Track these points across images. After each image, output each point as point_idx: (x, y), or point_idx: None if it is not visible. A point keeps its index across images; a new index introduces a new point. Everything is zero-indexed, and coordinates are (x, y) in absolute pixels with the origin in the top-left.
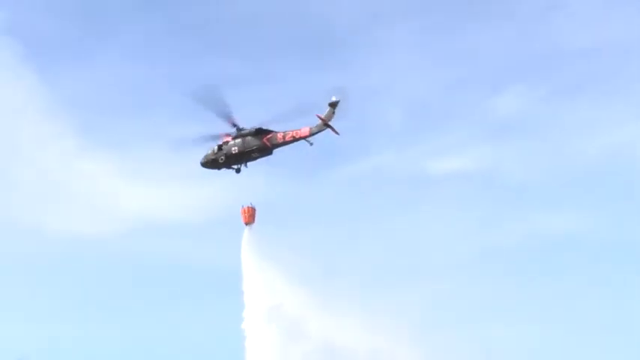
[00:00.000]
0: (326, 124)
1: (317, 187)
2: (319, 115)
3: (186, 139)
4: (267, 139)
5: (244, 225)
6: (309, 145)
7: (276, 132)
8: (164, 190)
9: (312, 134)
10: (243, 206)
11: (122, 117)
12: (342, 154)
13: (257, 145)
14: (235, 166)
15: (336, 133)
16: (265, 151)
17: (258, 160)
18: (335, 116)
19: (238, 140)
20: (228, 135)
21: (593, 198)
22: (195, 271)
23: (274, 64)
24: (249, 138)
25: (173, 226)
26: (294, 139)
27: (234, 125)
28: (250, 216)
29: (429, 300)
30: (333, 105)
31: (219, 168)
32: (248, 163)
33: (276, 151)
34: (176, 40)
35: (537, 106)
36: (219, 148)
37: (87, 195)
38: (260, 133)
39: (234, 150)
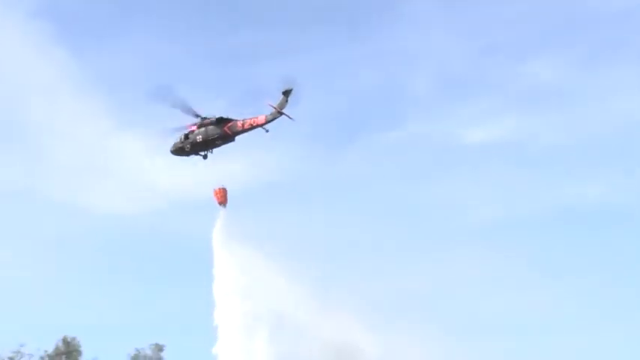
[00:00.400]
0: (279, 112)
1: (346, 158)
2: (272, 104)
3: (165, 130)
4: (228, 128)
5: (219, 206)
6: (265, 132)
7: (235, 120)
8: (200, 166)
9: (267, 122)
10: (215, 188)
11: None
12: (373, 125)
13: (219, 133)
14: (202, 153)
15: (291, 119)
16: (227, 138)
17: (290, 132)
18: (288, 104)
19: (202, 129)
20: (194, 124)
21: (629, 166)
22: None
23: (303, 35)
24: (211, 127)
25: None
26: (252, 127)
27: (197, 115)
28: (223, 196)
29: (452, 276)
30: (286, 93)
31: (187, 155)
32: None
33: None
34: (207, 15)
35: (570, 71)
36: (186, 137)
37: (122, 173)
38: (221, 122)
39: (199, 138)
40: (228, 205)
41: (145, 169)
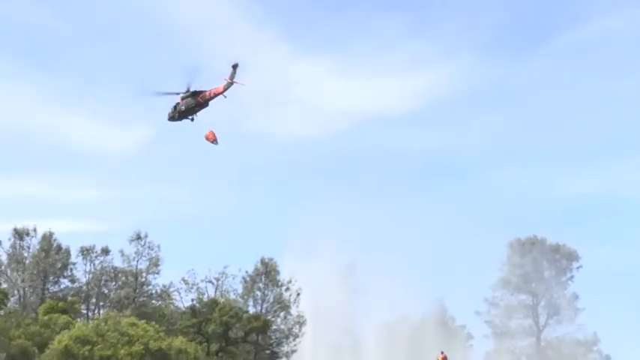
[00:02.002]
0: (231, 82)
1: (532, 63)
2: (225, 77)
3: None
4: (201, 97)
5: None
6: (223, 97)
7: (204, 91)
8: (375, 84)
9: (225, 89)
10: (205, 133)
11: (326, 18)
12: (557, 26)
13: (194, 103)
14: (190, 117)
15: (242, 85)
16: (202, 106)
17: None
18: (236, 75)
19: (184, 101)
20: (180, 98)
21: None
22: (413, 157)
23: None
24: (189, 99)
25: (389, 117)
26: (216, 95)
27: (177, 93)
28: (214, 136)
29: None
30: (235, 67)
31: (180, 120)
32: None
33: None
34: None
35: None
36: (175, 108)
37: (303, 97)
38: (195, 94)
39: (182, 108)
40: None
41: (324, 91)
